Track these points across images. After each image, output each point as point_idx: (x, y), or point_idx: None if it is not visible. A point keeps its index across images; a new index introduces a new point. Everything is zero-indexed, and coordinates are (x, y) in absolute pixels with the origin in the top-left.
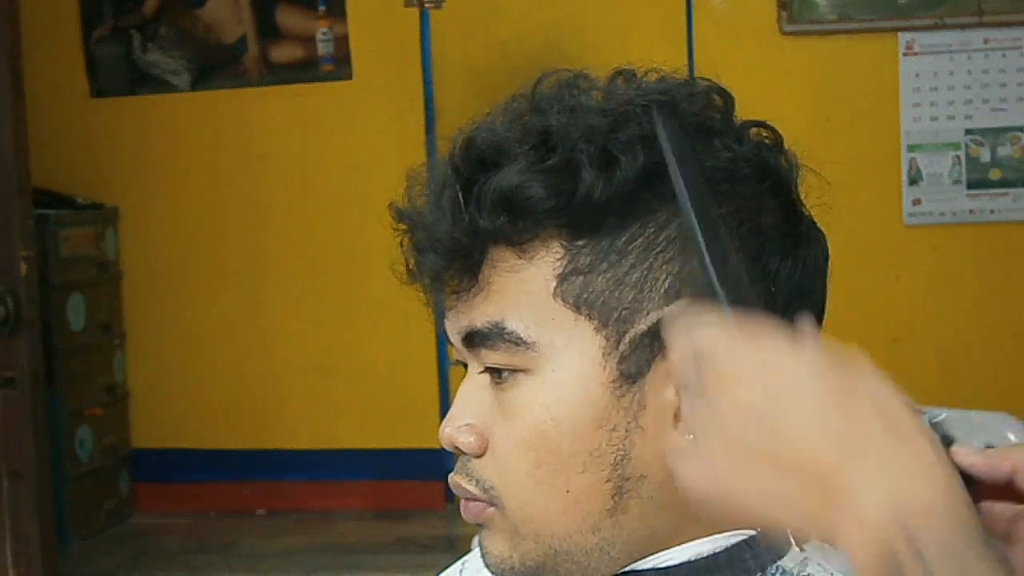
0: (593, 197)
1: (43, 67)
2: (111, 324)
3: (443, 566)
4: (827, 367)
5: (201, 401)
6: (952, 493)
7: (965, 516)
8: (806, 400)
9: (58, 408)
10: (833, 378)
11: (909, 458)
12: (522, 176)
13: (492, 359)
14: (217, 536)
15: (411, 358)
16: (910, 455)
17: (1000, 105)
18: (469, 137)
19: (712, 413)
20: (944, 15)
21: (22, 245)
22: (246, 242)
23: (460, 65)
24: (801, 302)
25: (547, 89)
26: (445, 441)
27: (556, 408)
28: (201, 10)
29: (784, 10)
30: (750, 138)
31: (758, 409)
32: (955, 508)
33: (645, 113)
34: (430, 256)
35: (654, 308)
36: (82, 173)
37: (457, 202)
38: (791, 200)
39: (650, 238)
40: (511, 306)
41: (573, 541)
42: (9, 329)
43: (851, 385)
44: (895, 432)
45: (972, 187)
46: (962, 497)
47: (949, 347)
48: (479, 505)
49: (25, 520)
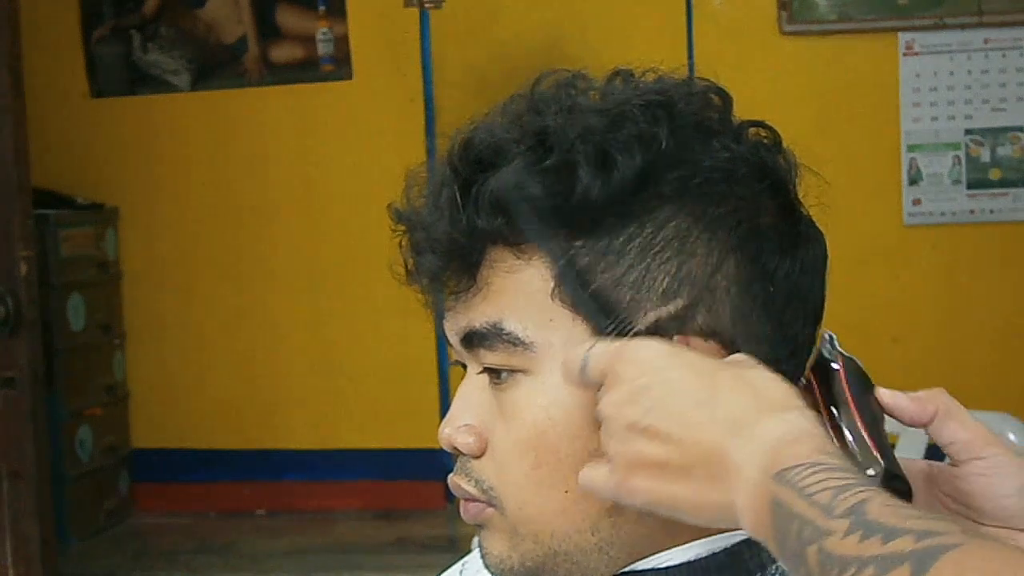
0: (591, 197)
1: (43, 67)
2: (111, 324)
3: (443, 566)
4: (694, 365)
5: (201, 401)
6: (809, 429)
7: (822, 440)
8: (679, 402)
9: (58, 408)
10: (701, 372)
11: (777, 421)
12: (520, 176)
13: (490, 360)
14: (217, 536)
15: (411, 358)
16: (775, 418)
17: (1000, 105)
18: (467, 138)
19: (612, 433)
20: (944, 15)
21: (22, 245)
22: (246, 242)
23: (460, 65)
24: (800, 301)
25: (545, 89)
26: (444, 442)
27: (555, 409)
28: (201, 10)
29: (784, 10)
30: (748, 138)
31: (643, 423)
32: (812, 440)
33: (643, 113)
34: (428, 257)
35: (652, 308)
36: (82, 173)
37: (455, 203)
38: (790, 200)
39: (648, 238)
40: (509, 307)
41: (572, 541)
42: (9, 329)
43: (716, 373)
44: (759, 399)
45: (972, 187)
46: (818, 431)
47: (949, 347)
48: (478, 506)
49: (25, 520)
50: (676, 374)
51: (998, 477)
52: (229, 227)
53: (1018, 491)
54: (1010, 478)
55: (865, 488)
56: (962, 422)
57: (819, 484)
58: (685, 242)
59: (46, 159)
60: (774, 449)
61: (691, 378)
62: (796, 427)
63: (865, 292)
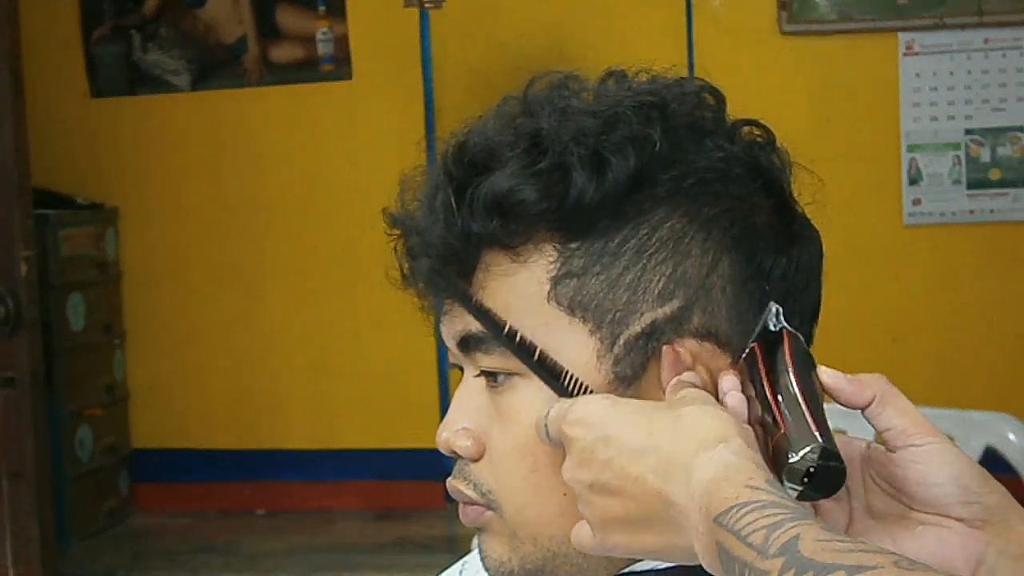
0: (585, 199)
1: (43, 67)
2: (111, 324)
3: (443, 566)
4: (631, 415)
5: (201, 401)
6: (736, 464)
7: (750, 471)
8: (622, 456)
9: (58, 408)
10: (638, 422)
11: (707, 462)
12: (514, 180)
13: (487, 363)
14: (217, 536)
15: (411, 358)
16: (706, 458)
17: (1000, 105)
18: (461, 141)
19: (578, 496)
20: (944, 15)
21: (22, 245)
22: (246, 242)
23: (460, 65)
24: (795, 300)
25: (538, 91)
26: (442, 445)
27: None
28: (201, 10)
29: (784, 10)
30: (742, 137)
31: (598, 483)
32: (741, 474)
33: (636, 114)
34: (424, 261)
35: (648, 310)
36: (82, 173)
37: (450, 206)
38: (784, 198)
39: (643, 240)
40: (505, 310)
41: (571, 543)
42: (9, 329)
43: (652, 419)
44: (691, 438)
45: (972, 187)
46: (745, 464)
47: (949, 347)
48: (477, 509)
49: (25, 520)
50: (615, 429)
51: (931, 465)
52: (229, 227)
53: (950, 479)
54: (943, 466)
55: (796, 523)
56: (899, 408)
57: (752, 525)
58: (680, 243)
59: (46, 159)
60: (708, 493)
61: (629, 430)
62: (724, 465)
63: (865, 292)
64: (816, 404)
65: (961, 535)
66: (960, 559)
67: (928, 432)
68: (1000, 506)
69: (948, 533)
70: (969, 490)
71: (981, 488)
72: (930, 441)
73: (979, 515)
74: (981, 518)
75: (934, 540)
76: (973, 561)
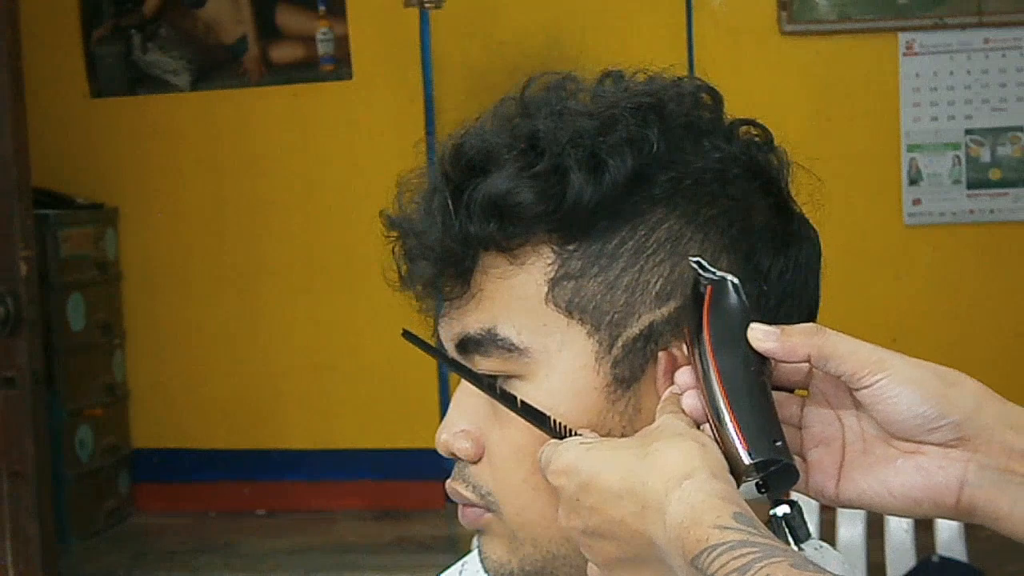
0: (582, 201)
1: (43, 67)
2: (111, 324)
3: (443, 566)
4: (608, 458)
5: (201, 401)
6: (703, 502)
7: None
8: (605, 501)
9: (58, 408)
10: (615, 464)
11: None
12: (511, 182)
13: (485, 366)
14: (217, 536)
15: (411, 358)
16: (676, 496)
17: (1000, 105)
18: (458, 143)
19: (578, 542)
20: (944, 15)
21: (22, 245)
22: (246, 242)
23: (460, 65)
24: (793, 300)
25: (535, 92)
26: (441, 447)
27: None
28: (201, 10)
29: (784, 10)
30: (739, 137)
31: (589, 528)
32: (710, 512)
33: (633, 115)
34: (421, 263)
35: (646, 311)
36: (82, 173)
37: (447, 209)
38: (782, 198)
39: (640, 241)
40: (503, 312)
41: (571, 545)
42: (9, 329)
43: (626, 460)
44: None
45: (972, 187)
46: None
47: (949, 347)
48: (476, 511)
49: (25, 520)
50: (592, 475)
51: (887, 403)
52: (229, 227)
53: (908, 412)
54: (898, 402)
55: (766, 562)
56: (840, 355)
57: (724, 568)
58: (678, 244)
59: (46, 159)
60: (680, 537)
61: (605, 474)
62: (691, 505)
63: (865, 292)
64: (743, 395)
65: (938, 459)
66: (942, 485)
67: (875, 368)
68: (971, 419)
69: (926, 460)
70: (929, 416)
71: (944, 409)
72: (879, 379)
73: (950, 436)
74: (954, 437)
75: (913, 471)
76: (955, 484)
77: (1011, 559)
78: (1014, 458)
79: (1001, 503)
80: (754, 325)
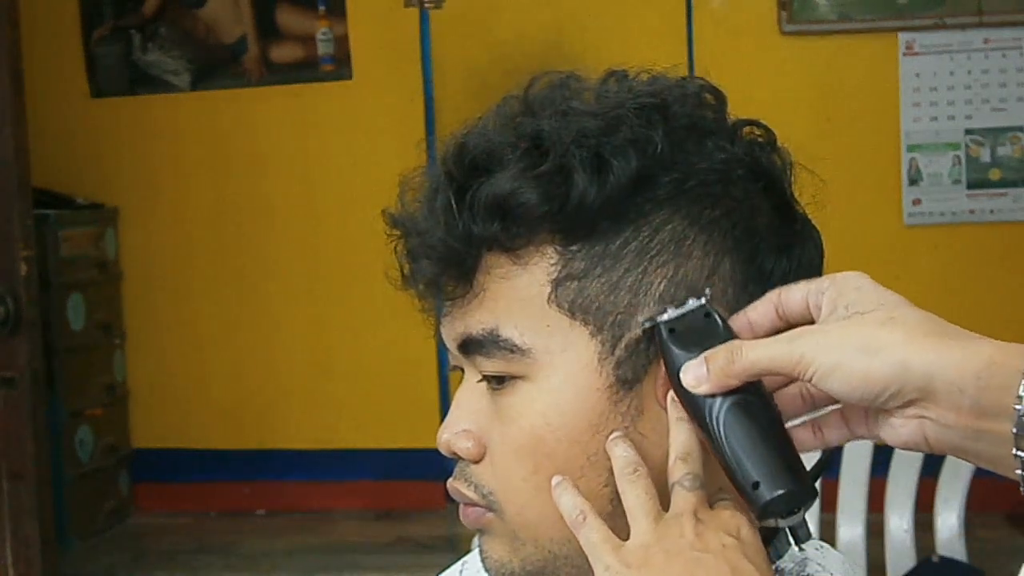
0: (586, 202)
1: (43, 67)
2: (111, 324)
3: (443, 566)
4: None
5: (201, 401)
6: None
7: None
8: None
9: (58, 408)
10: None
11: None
12: (515, 182)
13: (488, 367)
14: (217, 536)
15: (411, 358)
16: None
17: (1000, 105)
18: (461, 142)
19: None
20: (944, 15)
21: (22, 245)
22: (246, 242)
23: (460, 65)
24: None
25: (539, 91)
26: (443, 447)
27: (552, 414)
28: (201, 10)
29: (784, 10)
30: (743, 138)
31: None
32: None
33: (637, 116)
34: (424, 263)
35: (649, 312)
36: (82, 173)
37: (450, 208)
38: (785, 199)
39: (644, 242)
40: (506, 312)
41: (572, 545)
42: (9, 329)
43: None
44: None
45: (972, 187)
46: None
47: None
48: (478, 510)
49: (25, 520)
50: None
51: (831, 390)
52: (229, 227)
53: (852, 397)
54: (835, 388)
55: None
56: (764, 368)
57: None
58: (681, 245)
59: (46, 159)
60: None
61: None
62: None
63: None
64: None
65: (900, 419)
66: (912, 443)
67: (799, 368)
68: (903, 387)
69: (895, 420)
70: (865, 397)
71: (869, 388)
72: (808, 376)
73: (896, 404)
74: (901, 403)
75: (897, 427)
76: (922, 441)
77: (1011, 559)
78: (962, 414)
79: (967, 456)
80: (684, 369)
